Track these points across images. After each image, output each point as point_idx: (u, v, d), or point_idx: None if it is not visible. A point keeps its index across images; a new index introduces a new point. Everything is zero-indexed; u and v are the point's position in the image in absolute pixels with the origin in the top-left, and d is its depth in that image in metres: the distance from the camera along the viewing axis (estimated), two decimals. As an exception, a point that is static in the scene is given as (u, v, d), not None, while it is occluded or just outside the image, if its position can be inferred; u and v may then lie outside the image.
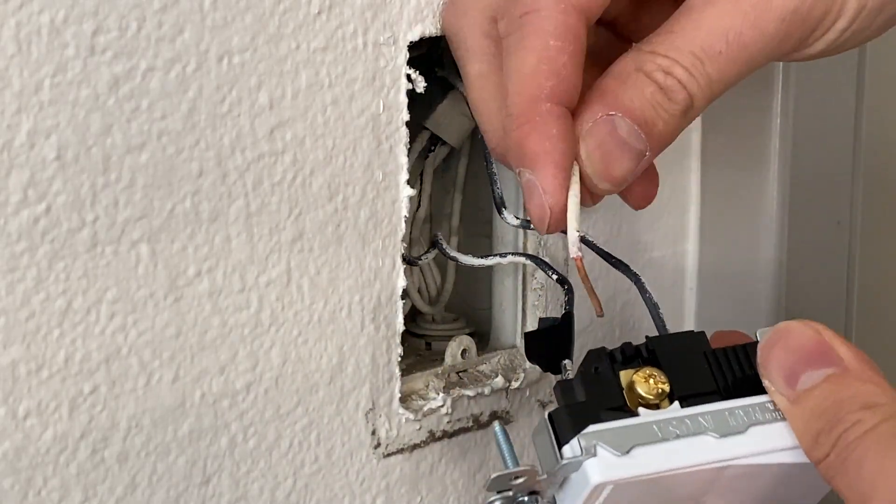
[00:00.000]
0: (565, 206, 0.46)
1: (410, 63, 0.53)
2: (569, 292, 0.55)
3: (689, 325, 0.70)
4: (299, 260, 0.51)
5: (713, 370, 0.45)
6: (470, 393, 0.58)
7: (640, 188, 0.51)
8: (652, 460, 0.42)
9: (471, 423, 0.59)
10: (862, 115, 0.78)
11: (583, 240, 0.56)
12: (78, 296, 0.45)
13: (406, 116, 0.53)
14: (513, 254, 0.58)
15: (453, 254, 0.58)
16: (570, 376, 0.45)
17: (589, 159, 0.46)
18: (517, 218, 0.56)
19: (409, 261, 0.56)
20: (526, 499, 0.43)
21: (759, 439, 0.43)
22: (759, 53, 0.47)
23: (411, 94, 0.53)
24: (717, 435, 0.43)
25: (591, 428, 0.43)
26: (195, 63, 0.46)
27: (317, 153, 0.51)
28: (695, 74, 0.46)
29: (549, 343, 0.51)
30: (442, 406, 0.57)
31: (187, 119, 0.47)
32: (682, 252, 0.70)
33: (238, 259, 0.49)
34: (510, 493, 0.43)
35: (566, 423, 0.43)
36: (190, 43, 0.46)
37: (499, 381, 0.59)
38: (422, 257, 0.58)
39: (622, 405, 0.44)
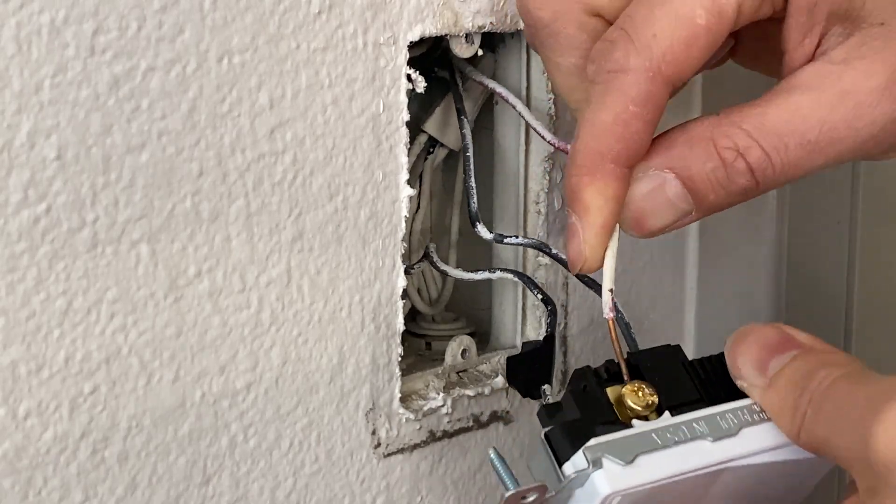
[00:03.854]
0: (600, 260, 0.47)
1: (410, 63, 0.53)
2: (551, 314, 0.55)
3: (690, 325, 0.70)
4: (299, 260, 0.51)
5: (694, 380, 0.47)
6: (470, 393, 0.58)
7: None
8: (656, 468, 0.43)
9: (471, 423, 0.59)
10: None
11: (555, 257, 0.57)
12: (78, 296, 0.45)
13: (406, 116, 0.53)
14: (502, 269, 0.58)
15: (443, 267, 0.59)
16: (550, 400, 0.45)
17: (626, 208, 0.46)
18: (490, 232, 0.57)
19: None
20: None
21: (751, 440, 0.44)
22: (847, 152, 0.46)
23: (410, 95, 0.53)
24: (712, 439, 0.44)
25: (594, 441, 0.43)
26: (195, 63, 0.46)
27: (317, 153, 0.51)
28: (773, 159, 0.46)
29: (530, 366, 0.51)
30: (442, 406, 0.57)
31: (187, 119, 0.47)
32: (682, 252, 0.70)
33: (238, 259, 0.49)
34: None
35: (564, 441, 0.44)
36: (190, 43, 0.46)
37: (499, 380, 0.59)
38: (414, 266, 0.59)
39: (614, 419, 0.45)
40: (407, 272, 0.57)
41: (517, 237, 0.58)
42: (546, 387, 0.49)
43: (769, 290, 0.74)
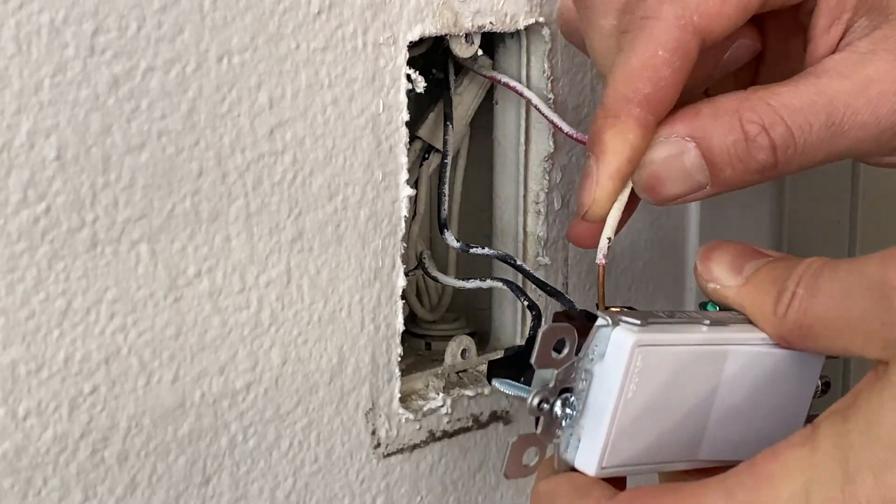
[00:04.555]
0: (607, 208, 0.46)
1: (409, 63, 0.53)
2: (536, 318, 0.56)
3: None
4: (299, 260, 0.51)
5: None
6: (470, 393, 0.58)
7: (584, 228, 0.49)
8: (667, 333, 0.43)
9: (471, 423, 0.59)
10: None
11: (519, 269, 0.57)
12: (78, 296, 0.45)
13: (406, 116, 0.53)
14: (492, 278, 0.59)
15: (435, 274, 0.59)
16: (542, 328, 0.44)
17: (642, 169, 0.46)
18: (457, 241, 0.57)
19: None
20: (559, 408, 0.43)
21: (741, 332, 0.45)
22: (866, 139, 0.47)
23: (409, 96, 0.53)
24: (708, 322, 0.44)
25: (606, 311, 0.43)
26: (195, 63, 0.46)
27: (317, 153, 0.51)
28: (797, 137, 0.46)
29: (512, 368, 0.51)
30: (442, 406, 0.57)
31: (187, 119, 0.47)
32: (682, 252, 0.70)
33: (238, 259, 0.49)
34: (550, 385, 0.43)
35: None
36: (190, 43, 0.46)
37: (499, 381, 0.59)
38: (409, 274, 0.59)
39: None
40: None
41: (483, 248, 0.58)
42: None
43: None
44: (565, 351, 0.43)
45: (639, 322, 0.43)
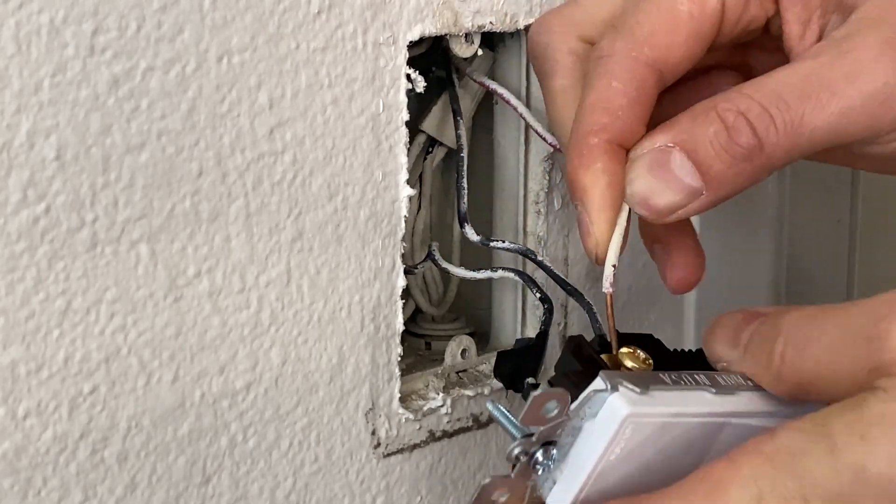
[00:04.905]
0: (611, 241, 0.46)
1: (409, 62, 0.53)
2: (547, 312, 0.56)
3: (689, 325, 0.70)
4: (299, 260, 0.51)
5: (679, 357, 0.46)
6: (470, 393, 0.58)
7: (679, 272, 0.49)
8: (668, 402, 0.42)
9: (471, 423, 0.59)
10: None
11: (539, 264, 0.57)
12: (78, 296, 0.45)
13: (406, 116, 0.53)
14: (503, 269, 0.59)
15: (445, 265, 0.59)
16: (535, 392, 0.44)
17: (631, 185, 0.46)
18: (478, 234, 0.57)
19: (405, 269, 0.56)
20: (540, 455, 0.43)
21: (747, 401, 0.44)
22: (853, 110, 0.46)
23: (409, 94, 0.53)
24: (714, 391, 0.44)
25: (606, 372, 0.43)
26: (195, 63, 0.46)
27: (316, 153, 0.51)
28: (775, 116, 0.45)
29: (520, 361, 0.51)
30: (442, 406, 0.57)
31: (187, 119, 0.47)
32: (682, 252, 0.69)
33: (238, 259, 0.49)
34: (533, 438, 0.42)
35: (570, 387, 0.43)
36: (190, 43, 0.46)
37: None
38: (418, 266, 0.59)
39: None
40: (410, 272, 0.57)
41: (504, 241, 0.58)
42: (530, 379, 0.49)
43: (769, 291, 0.74)
44: (555, 412, 0.42)
45: (639, 390, 0.42)
